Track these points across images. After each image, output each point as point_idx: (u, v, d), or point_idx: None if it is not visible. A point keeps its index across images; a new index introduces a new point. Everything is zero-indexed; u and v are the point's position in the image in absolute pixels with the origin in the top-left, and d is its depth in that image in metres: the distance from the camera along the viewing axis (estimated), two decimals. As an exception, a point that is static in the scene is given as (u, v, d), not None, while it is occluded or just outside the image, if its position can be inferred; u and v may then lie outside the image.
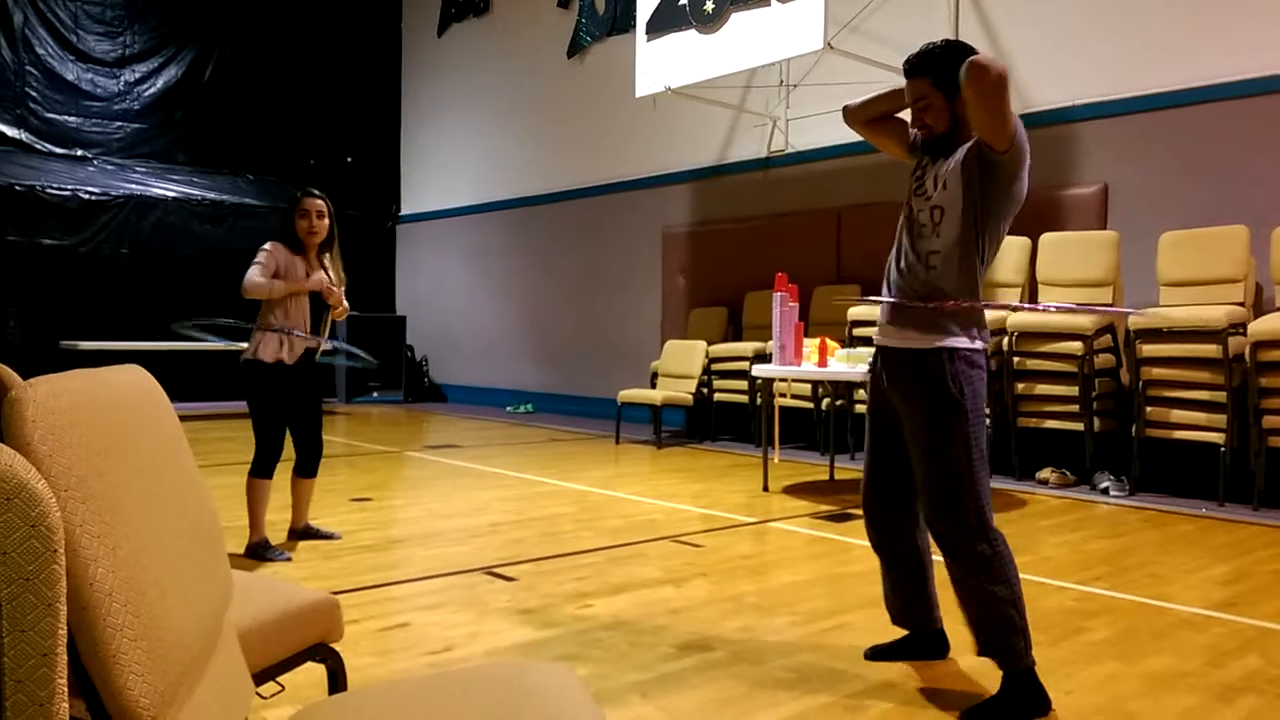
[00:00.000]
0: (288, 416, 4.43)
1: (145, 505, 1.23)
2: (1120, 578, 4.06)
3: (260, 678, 1.85)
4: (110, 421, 1.22)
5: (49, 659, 0.71)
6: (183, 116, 12.74)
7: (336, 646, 2.11)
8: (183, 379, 11.12)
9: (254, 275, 4.29)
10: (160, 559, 1.21)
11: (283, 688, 1.99)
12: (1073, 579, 4.02)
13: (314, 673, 2.16)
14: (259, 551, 4.29)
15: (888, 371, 2.78)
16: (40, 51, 11.83)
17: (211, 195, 12.66)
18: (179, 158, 12.70)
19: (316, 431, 4.57)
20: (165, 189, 12.36)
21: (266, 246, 4.38)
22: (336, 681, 2.02)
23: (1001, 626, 2.59)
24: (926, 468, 2.66)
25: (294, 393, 4.41)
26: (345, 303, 4.55)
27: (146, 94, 12.57)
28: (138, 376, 1.39)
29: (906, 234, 2.75)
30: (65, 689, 0.73)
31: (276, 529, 4.56)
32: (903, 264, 2.74)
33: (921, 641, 2.99)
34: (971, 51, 2.67)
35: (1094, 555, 4.50)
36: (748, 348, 8.43)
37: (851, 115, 2.97)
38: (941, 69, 2.64)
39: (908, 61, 2.71)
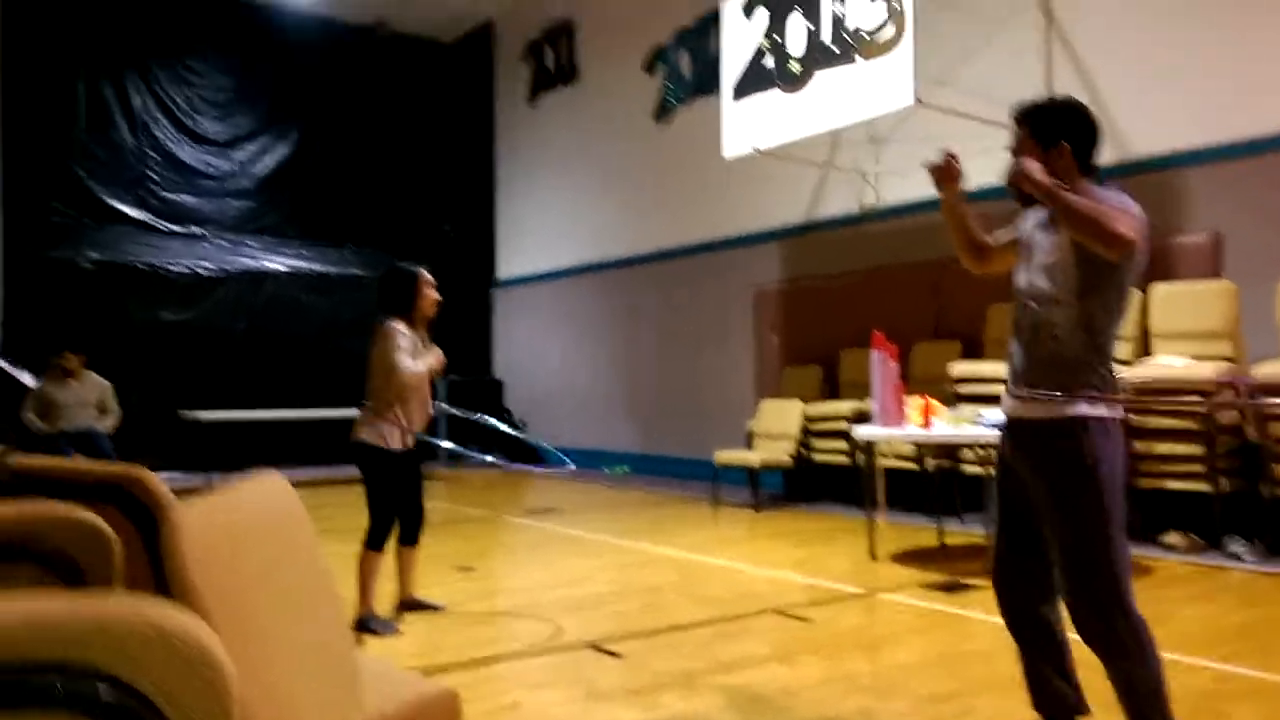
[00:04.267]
0: (402, 492, 4.52)
1: (286, 617, 1.26)
2: (1264, 656, 3.81)
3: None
4: (255, 539, 1.26)
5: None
6: (290, 192, 13.35)
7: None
8: (293, 443, 11.47)
9: (407, 361, 4.35)
10: (299, 672, 1.23)
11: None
12: (1211, 656, 3.78)
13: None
14: (367, 624, 4.33)
15: (1016, 442, 2.69)
16: (158, 135, 12.58)
17: (318, 267, 13.18)
18: (289, 232, 13.28)
19: (419, 500, 4.63)
20: (277, 263, 12.93)
21: (400, 328, 4.41)
22: (457, 777, 2.02)
23: (1142, 713, 2.45)
24: (1060, 543, 2.55)
25: (410, 469, 4.51)
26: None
27: (256, 172, 13.22)
28: (278, 489, 1.43)
29: (1022, 305, 2.68)
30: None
31: (381, 600, 4.61)
32: (1025, 337, 2.66)
33: (1057, 728, 2.84)
34: (1081, 114, 2.65)
35: (1231, 629, 4.24)
36: (845, 407, 8.30)
37: (969, 263, 2.95)
38: (1039, 121, 2.63)
39: (1014, 111, 2.70)
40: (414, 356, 4.43)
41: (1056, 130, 2.61)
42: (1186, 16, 6.93)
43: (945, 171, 2.78)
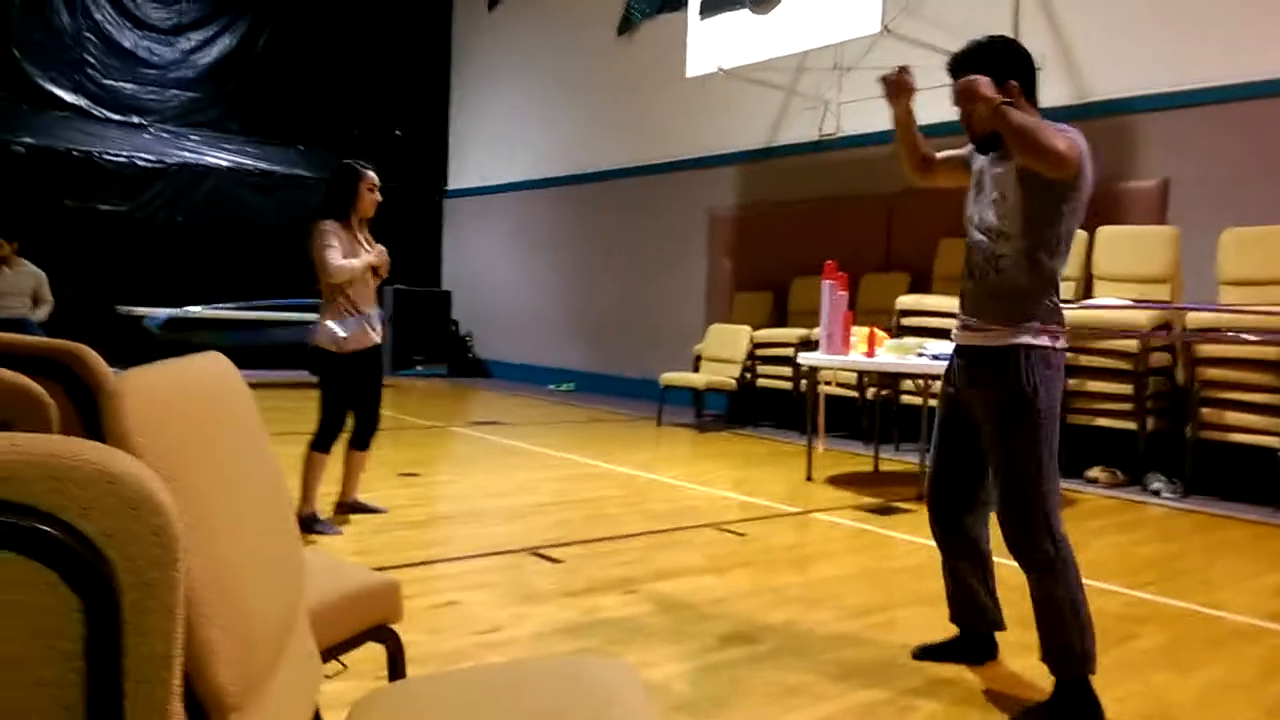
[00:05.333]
0: (355, 395, 4.49)
1: (231, 495, 1.26)
2: (1171, 583, 4.00)
3: (323, 656, 1.89)
4: (199, 412, 1.24)
5: (167, 660, 0.73)
6: (236, 86, 12.86)
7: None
8: (236, 346, 11.28)
9: (337, 259, 4.29)
10: (246, 548, 1.24)
11: (345, 667, 2.03)
12: (1122, 583, 3.96)
13: (369, 649, 2.19)
14: (308, 524, 4.33)
15: (964, 368, 2.77)
16: (98, 17, 11.98)
17: (263, 165, 12.80)
18: (232, 127, 12.83)
19: (376, 407, 4.61)
20: (219, 158, 12.52)
21: (328, 227, 4.36)
22: (395, 662, 2.06)
23: (1062, 631, 2.58)
24: (996, 465, 2.66)
25: (365, 373, 4.48)
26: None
27: (201, 62, 12.71)
28: (221, 365, 1.41)
29: (974, 235, 2.72)
30: (179, 689, 0.75)
31: (324, 501, 4.61)
32: (974, 270, 2.71)
33: (972, 642, 2.97)
34: (1022, 52, 2.66)
35: (1144, 559, 4.44)
36: (793, 334, 8.38)
37: (912, 176, 2.98)
38: (988, 63, 2.62)
39: (950, 60, 2.69)
40: (351, 255, 4.37)
41: (1005, 70, 2.63)
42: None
43: (898, 84, 2.81)
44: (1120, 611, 3.58)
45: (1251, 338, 5.59)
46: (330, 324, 4.37)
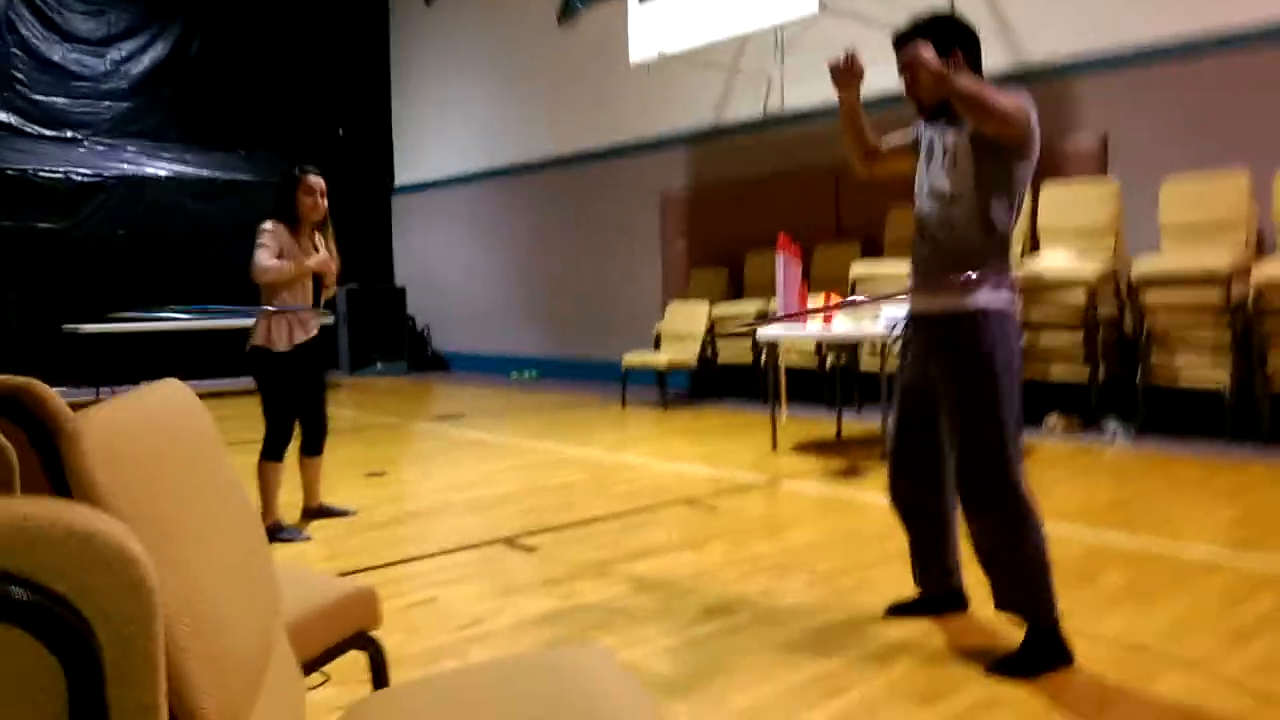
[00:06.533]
0: (298, 399, 4.45)
1: (199, 523, 1.26)
2: (1130, 525, 4.12)
3: (305, 669, 1.89)
4: (160, 444, 1.25)
5: (152, 707, 0.75)
6: (171, 94, 12.58)
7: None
8: (183, 357, 11.11)
9: (264, 259, 4.28)
10: (217, 575, 1.24)
11: (327, 678, 2.04)
12: (1084, 525, 4.07)
13: (351, 652, 2.20)
14: (275, 534, 4.29)
15: (919, 334, 2.81)
16: (24, 32, 11.65)
17: (204, 172, 12.56)
18: (170, 135, 12.57)
19: (322, 409, 4.57)
20: (158, 168, 12.27)
21: (267, 226, 4.35)
22: (377, 668, 2.07)
23: (1028, 584, 2.65)
24: (959, 428, 2.69)
25: (304, 374, 4.44)
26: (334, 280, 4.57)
27: (134, 72, 12.41)
28: (177, 392, 1.41)
29: (925, 202, 2.76)
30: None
31: (289, 509, 4.58)
32: (927, 230, 2.75)
33: (941, 599, 3.05)
34: (963, 24, 2.71)
35: (1103, 501, 4.56)
36: (750, 308, 8.44)
37: (860, 168, 3.01)
38: (932, 35, 2.66)
39: (895, 34, 2.73)
40: (290, 258, 4.34)
41: (949, 40, 2.68)
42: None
43: (846, 71, 2.81)
44: (1083, 553, 3.68)
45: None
46: (263, 322, 4.34)
